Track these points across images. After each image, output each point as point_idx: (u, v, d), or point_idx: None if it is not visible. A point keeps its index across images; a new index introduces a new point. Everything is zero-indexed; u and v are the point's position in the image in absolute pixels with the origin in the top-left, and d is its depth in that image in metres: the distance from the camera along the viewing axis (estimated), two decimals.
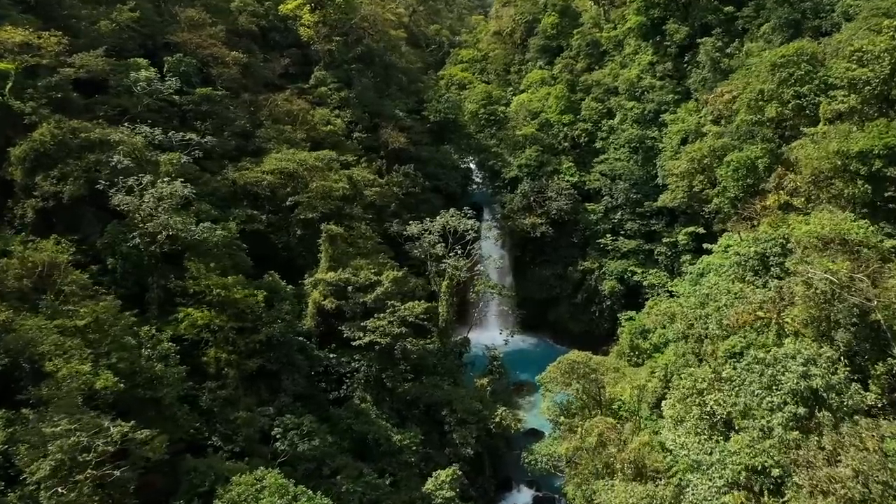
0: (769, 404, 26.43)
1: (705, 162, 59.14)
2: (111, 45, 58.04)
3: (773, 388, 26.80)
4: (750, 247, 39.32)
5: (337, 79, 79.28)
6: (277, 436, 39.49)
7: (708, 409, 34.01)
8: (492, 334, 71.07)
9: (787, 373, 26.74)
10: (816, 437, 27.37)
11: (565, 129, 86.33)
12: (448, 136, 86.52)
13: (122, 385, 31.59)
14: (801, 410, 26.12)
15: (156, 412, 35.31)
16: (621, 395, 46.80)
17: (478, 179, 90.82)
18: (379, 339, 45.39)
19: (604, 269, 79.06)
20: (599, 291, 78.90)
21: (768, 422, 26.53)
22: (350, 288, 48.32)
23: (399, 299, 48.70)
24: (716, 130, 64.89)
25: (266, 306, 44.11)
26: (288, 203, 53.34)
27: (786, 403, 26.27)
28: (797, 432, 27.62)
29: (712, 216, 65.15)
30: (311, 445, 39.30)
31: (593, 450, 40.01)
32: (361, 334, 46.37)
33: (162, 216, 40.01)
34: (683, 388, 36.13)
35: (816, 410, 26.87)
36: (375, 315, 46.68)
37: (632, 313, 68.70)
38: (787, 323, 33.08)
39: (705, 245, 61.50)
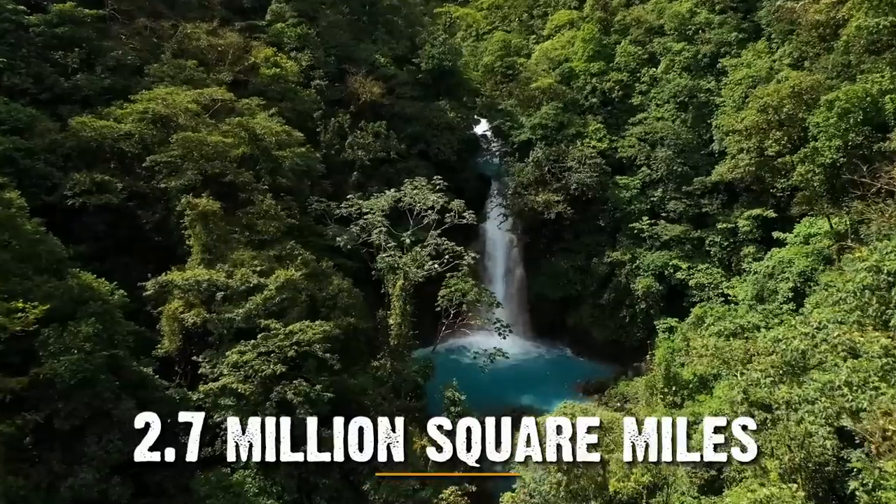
0: None
1: (785, 111, 39.59)
2: None
3: None
4: None
5: (299, 13, 62.76)
6: None
7: None
8: (496, 340, 54.13)
9: None
10: None
11: (594, 80, 67.65)
12: (445, 90, 68.93)
13: None
14: None
15: None
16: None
17: (486, 146, 73.16)
18: (236, 385, 27.85)
19: (638, 261, 60.83)
20: (632, 290, 60.64)
21: None
22: (219, 295, 31.20)
23: (296, 313, 31.28)
24: (796, 75, 45.75)
25: (59, 327, 27.47)
26: (148, 163, 36.33)
27: None
28: None
29: (789, 194, 47.00)
30: None
31: None
32: (224, 370, 29.19)
33: None
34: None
35: None
36: (243, 342, 29.35)
37: (673, 321, 53.96)
38: None
39: (776, 234, 46.83)
